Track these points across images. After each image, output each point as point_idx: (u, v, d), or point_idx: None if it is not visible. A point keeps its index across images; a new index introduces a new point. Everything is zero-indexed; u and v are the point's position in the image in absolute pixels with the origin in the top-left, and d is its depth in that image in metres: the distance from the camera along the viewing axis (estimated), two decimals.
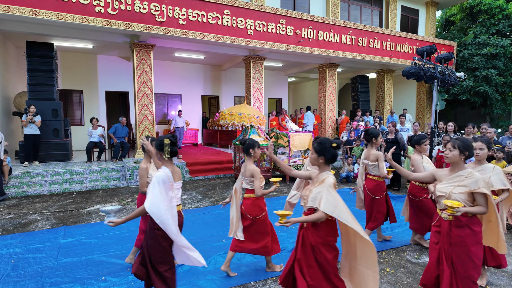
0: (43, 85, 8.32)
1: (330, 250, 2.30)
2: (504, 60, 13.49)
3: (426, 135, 4.18)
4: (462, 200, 2.34)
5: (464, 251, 2.35)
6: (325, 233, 2.28)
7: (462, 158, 2.44)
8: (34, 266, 3.42)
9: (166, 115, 12.82)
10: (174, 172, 2.47)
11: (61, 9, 6.71)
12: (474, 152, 2.77)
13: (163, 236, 2.29)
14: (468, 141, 2.51)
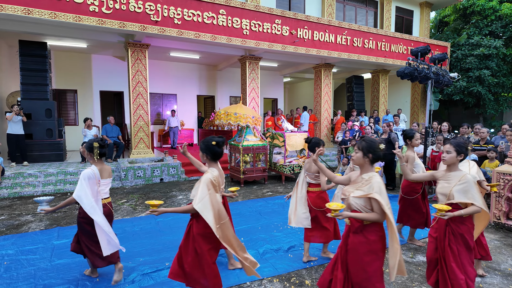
0: (36, 85, 8.23)
1: (208, 242, 2.41)
2: (497, 61, 13.66)
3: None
4: (357, 205, 2.22)
5: (356, 259, 2.21)
6: (204, 225, 2.37)
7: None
8: (27, 267, 3.38)
9: (160, 115, 12.76)
10: (103, 170, 3.05)
11: (55, 8, 6.64)
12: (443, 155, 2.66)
13: (87, 223, 2.90)
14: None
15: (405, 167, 3.05)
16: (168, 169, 7.92)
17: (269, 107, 16.27)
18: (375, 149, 2.24)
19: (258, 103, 10.59)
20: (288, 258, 3.63)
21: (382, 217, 2.14)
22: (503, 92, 14.34)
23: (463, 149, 2.49)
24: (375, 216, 2.14)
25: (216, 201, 2.38)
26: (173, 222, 4.80)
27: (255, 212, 5.33)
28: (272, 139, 8.22)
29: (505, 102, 14.39)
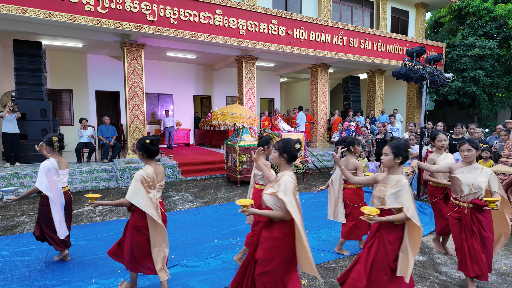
0: (31, 85, 8.16)
1: (137, 235, 2.67)
2: (491, 61, 13.78)
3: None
4: (268, 202, 2.24)
5: (261, 254, 2.22)
6: (135, 219, 2.68)
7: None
8: (21, 269, 3.35)
9: (155, 115, 12.72)
10: (61, 162, 3.44)
11: (50, 7, 6.59)
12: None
13: (49, 211, 3.22)
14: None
15: None
16: (164, 169, 7.88)
17: (266, 107, 16.28)
18: (290, 149, 2.31)
19: (255, 103, 10.60)
20: None
21: (287, 215, 2.15)
22: (497, 93, 14.47)
23: (401, 151, 2.38)
24: (280, 214, 2.17)
25: (147, 197, 2.61)
26: (170, 222, 4.78)
27: None
28: None
29: (499, 103, 14.53)
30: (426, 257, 3.72)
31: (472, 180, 2.88)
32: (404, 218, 2.28)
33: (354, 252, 3.83)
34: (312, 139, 12.45)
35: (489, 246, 2.90)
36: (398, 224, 2.36)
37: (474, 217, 2.92)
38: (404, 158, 2.40)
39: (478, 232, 2.90)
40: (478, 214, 2.91)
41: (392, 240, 2.35)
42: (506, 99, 14.65)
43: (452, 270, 3.39)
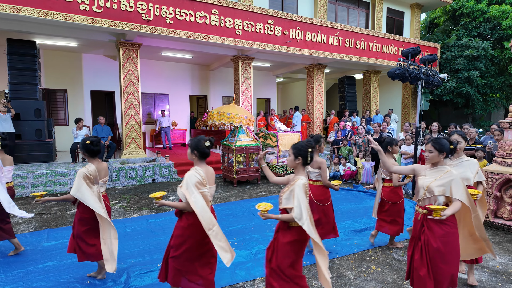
0: (25, 84, 8.08)
1: (82, 225, 3.03)
2: (485, 62, 13.92)
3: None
4: (180, 195, 2.49)
5: (172, 240, 2.58)
6: (82, 210, 3.01)
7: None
8: (15, 270, 3.32)
9: (151, 115, 12.67)
10: (5, 159, 3.67)
11: (44, 6, 6.53)
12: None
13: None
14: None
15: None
16: (160, 170, 7.87)
17: (262, 107, 16.29)
18: (198, 147, 2.52)
19: (251, 103, 10.60)
20: None
21: (188, 207, 2.39)
22: (491, 93, 14.62)
23: (301, 152, 2.37)
24: (182, 205, 2.44)
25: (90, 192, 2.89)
26: (165, 223, 4.77)
27: (248, 212, 5.34)
28: (265, 139, 8.23)
29: (493, 103, 14.67)
30: None
31: (428, 183, 2.52)
32: (289, 218, 2.28)
33: (361, 249, 3.84)
34: (306, 138, 12.47)
35: (438, 261, 2.42)
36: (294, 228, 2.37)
37: (425, 225, 2.51)
38: (304, 158, 2.39)
39: (426, 242, 2.50)
40: (432, 222, 2.46)
41: (287, 241, 2.39)
42: (500, 99, 14.81)
43: None
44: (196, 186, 2.39)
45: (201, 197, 2.38)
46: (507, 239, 4.27)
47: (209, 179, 2.56)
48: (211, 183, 2.59)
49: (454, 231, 2.45)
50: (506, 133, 4.94)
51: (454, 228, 2.46)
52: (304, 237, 2.34)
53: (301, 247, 2.37)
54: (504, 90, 14.63)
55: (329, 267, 3.46)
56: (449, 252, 2.40)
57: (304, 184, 2.29)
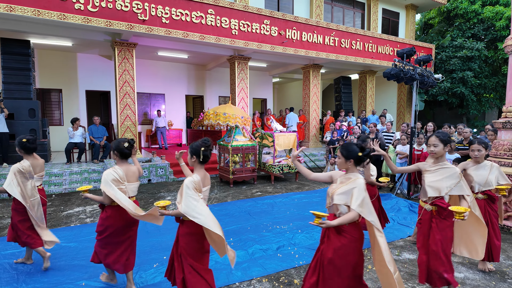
0: (19, 84, 8.01)
1: (16, 215, 3.24)
2: (479, 62, 14.05)
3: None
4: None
5: None
6: (17, 202, 3.22)
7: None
8: (10, 272, 3.29)
9: (147, 115, 12.61)
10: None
11: (38, 5, 6.48)
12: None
13: None
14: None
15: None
16: (156, 170, 7.84)
17: (258, 107, 16.29)
18: (118, 147, 2.81)
19: (248, 103, 10.60)
20: (277, 258, 3.64)
21: (106, 199, 2.79)
22: (485, 93, 14.77)
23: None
24: (100, 198, 2.83)
25: (17, 184, 3.21)
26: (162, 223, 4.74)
27: (245, 212, 5.34)
28: (261, 139, 8.23)
29: (487, 103, 14.82)
30: (415, 255, 3.78)
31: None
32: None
33: None
34: (304, 139, 12.51)
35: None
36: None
37: None
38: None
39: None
40: None
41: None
42: (493, 100, 14.96)
43: None
44: (113, 182, 2.70)
45: (119, 191, 2.70)
46: (501, 238, 4.30)
47: (129, 178, 2.85)
48: (132, 180, 2.89)
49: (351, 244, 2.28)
50: (499, 133, 4.99)
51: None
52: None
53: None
54: (497, 90, 14.78)
55: None
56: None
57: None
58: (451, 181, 2.65)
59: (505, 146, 4.77)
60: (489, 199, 3.31)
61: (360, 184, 2.23)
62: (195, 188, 2.42)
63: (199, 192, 2.45)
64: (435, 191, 2.68)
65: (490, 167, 3.29)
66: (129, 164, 2.92)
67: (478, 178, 3.28)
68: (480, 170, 3.29)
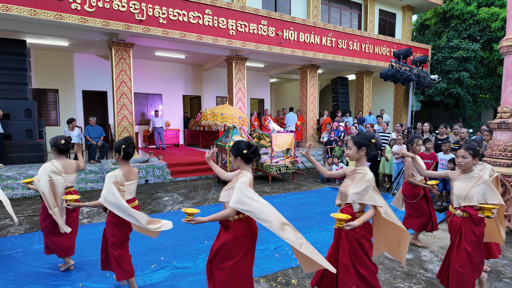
0: (15, 84, 7.96)
1: None
2: (475, 63, 14.16)
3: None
4: None
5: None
6: None
7: None
8: (6, 273, 3.27)
9: (144, 115, 12.58)
10: (67, 166, 3.48)
11: (35, 5, 6.45)
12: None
13: None
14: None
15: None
16: (153, 170, 7.82)
17: (256, 107, 16.31)
18: (55, 143, 3.18)
19: (245, 103, 10.60)
20: (275, 258, 3.65)
21: None
22: (480, 94, 14.88)
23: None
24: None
25: None
26: None
27: None
28: (259, 140, 8.24)
29: (483, 103, 14.93)
30: (412, 255, 3.80)
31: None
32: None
33: None
34: (302, 139, 12.54)
35: None
36: None
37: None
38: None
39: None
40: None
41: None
42: (489, 100, 15.08)
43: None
44: (50, 174, 3.05)
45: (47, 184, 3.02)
46: None
47: (66, 170, 3.23)
48: (69, 171, 3.27)
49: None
50: (495, 133, 5.04)
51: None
52: None
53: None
54: (493, 91, 14.90)
55: None
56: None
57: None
58: None
59: (500, 146, 4.81)
60: (470, 218, 2.66)
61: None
62: (115, 182, 2.67)
63: (121, 185, 2.68)
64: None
65: (477, 179, 2.66)
66: (66, 159, 3.33)
67: (458, 190, 2.70)
68: (464, 181, 2.71)
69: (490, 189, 2.63)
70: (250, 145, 2.38)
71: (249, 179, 2.31)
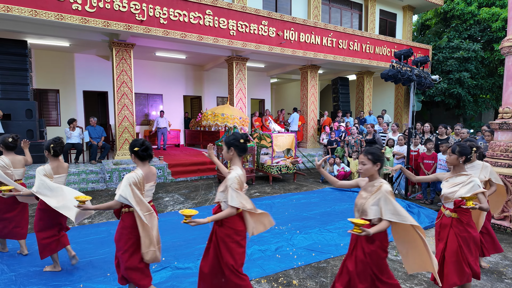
0: (16, 84, 7.96)
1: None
2: (476, 63, 14.14)
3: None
4: None
5: None
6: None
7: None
8: (7, 273, 3.27)
9: (146, 115, 12.59)
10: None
11: (36, 5, 6.45)
12: None
13: None
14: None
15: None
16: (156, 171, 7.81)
17: (256, 107, 16.31)
18: (5, 140, 3.41)
19: (246, 103, 10.60)
20: (276, 259, 3.65)
21: None
22: (481, 94, 14.86)
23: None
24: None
25: None
26: (160, 224, 4.73)
27: None
28: (260, 140, 8.24)
29: (483, 104, 14.92)
30: None
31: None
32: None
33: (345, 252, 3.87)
34: (302, 139, 12.54)
35: None
36: None
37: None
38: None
39: None
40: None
41: None
42: (490, 100, 15.06)
43: None
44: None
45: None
46: (498, 238, 4.33)
47: (15, 165, 3.60)
48: (17, 166, 3.62)
49: None
50: (496, 134, 5.03)
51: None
52: None
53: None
54: (494, 91, 14.88)
55: (323, 267, 3.49)
56: None
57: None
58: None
59: (502, 147, 4.81)
60: (460, 218, 2.68)
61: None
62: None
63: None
64: None
65: (466, 181, 2.67)
66: (14, 155, 3.65)
67: (446, 191, 2.74)
68: (453, 182, 2.74)
69: (478, 189, 2.64)
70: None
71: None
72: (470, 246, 2.68)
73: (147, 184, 2.62)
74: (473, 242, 2.68)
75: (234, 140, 2.43)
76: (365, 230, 2.10)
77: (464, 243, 2.67)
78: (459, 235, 2.68)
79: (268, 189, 7.18)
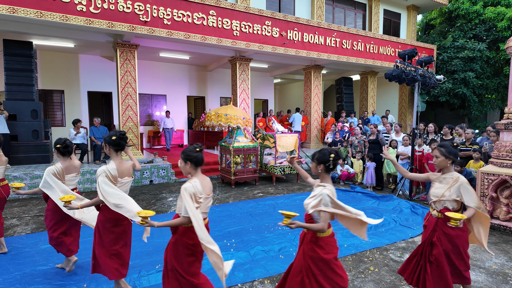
0: (21, 85, 8.04)
1: None
2: (481, 63, 14.02)
3: None
4: None
5: None
6: None
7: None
8: (13, 273, 3.30)
9: (151, 116, 12.64)
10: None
11: (41, 7, 6.50)
12: None
13: None
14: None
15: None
16: (158, 171, 7.85)
17: (260, 108, 16.30)
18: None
19: (249, 104, 10.60)
20: (279, 259, 3.65)
21: None
22: (486, 94, 14.72)
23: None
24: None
25: None
26: None
27: (246, 213, 5.34)
28: (263, 140, 8.24)
29: (489, 104, 14.78)
30: None
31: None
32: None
33: (359, 250, 3.86)
34: (306, 140, 12.51)
35: None
36: None
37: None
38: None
39: None
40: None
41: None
42: (495, 100, 14.92)
43: None
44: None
45: None
46: (503, 240, 4.30)
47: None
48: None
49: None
50: (501, 134, 4.98)
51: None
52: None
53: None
54: (499, 91, 14.75)
55: None
56: None
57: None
58: None
59: (507, 147, 4.76)
60: (445, 220, 2.58)
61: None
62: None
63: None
64: None
65: (452, 182, 2.58)
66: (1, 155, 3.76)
67: (434, 191, 2.68)
68: (440, 182, 2.67)
69: (465, 190, 2.53)
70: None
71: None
72: (458, 247, 2.58)
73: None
74: (460, 241, 2.59)
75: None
76: (295, 222, 2.16)
77: (450, 243, 2.58)
78: (443, 235, 2.61)
79: (272, 190, 7.18)
